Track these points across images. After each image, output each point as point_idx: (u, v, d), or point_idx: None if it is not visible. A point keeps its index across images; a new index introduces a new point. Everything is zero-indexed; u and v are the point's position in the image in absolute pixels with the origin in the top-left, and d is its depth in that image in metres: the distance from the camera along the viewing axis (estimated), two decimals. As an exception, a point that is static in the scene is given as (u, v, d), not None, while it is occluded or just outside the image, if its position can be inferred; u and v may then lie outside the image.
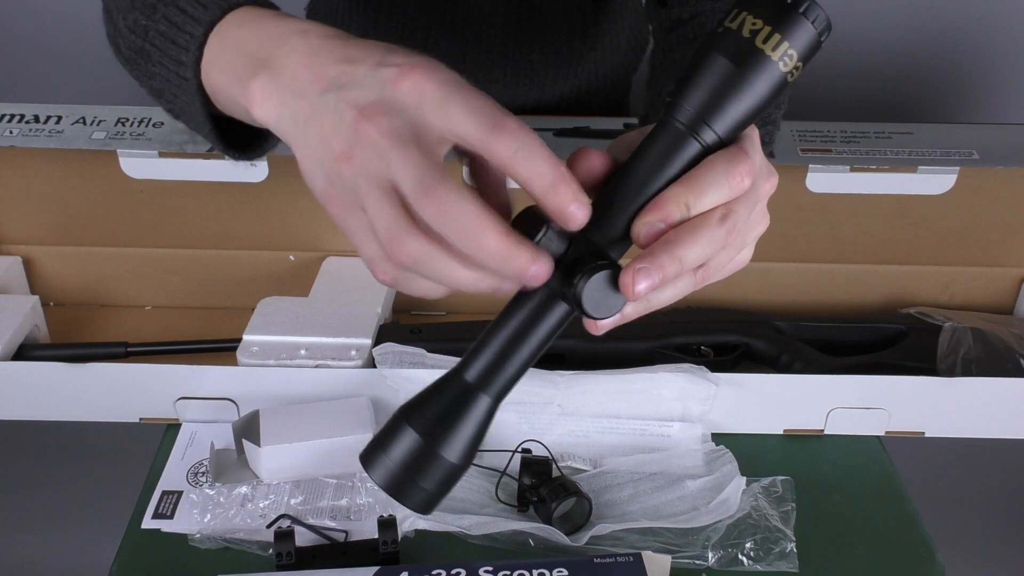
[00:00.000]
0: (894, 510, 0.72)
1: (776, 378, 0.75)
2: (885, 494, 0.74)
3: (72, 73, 1.32)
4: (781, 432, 0.77)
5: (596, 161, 0.44)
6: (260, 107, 0.47)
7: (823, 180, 0.80)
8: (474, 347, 0.44)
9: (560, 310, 0.44)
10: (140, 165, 0.79)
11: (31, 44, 1.31)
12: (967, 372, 0.77)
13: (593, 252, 0.43)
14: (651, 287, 0.42)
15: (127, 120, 0.81)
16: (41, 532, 1.58)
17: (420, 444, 0.43)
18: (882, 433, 0.77)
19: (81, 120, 0.81)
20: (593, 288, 0.42)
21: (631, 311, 0.45)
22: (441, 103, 0.41)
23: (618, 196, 0.44)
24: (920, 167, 0.79)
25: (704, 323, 0.81)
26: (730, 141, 0.44)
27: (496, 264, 0.40)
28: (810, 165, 0.79)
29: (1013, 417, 0.76)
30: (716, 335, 0.81)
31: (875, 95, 1.34)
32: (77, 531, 1.53)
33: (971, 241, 0.86)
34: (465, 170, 0.47)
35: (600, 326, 0.45)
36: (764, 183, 0.46)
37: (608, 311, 0.43)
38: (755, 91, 0.42)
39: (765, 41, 0.41)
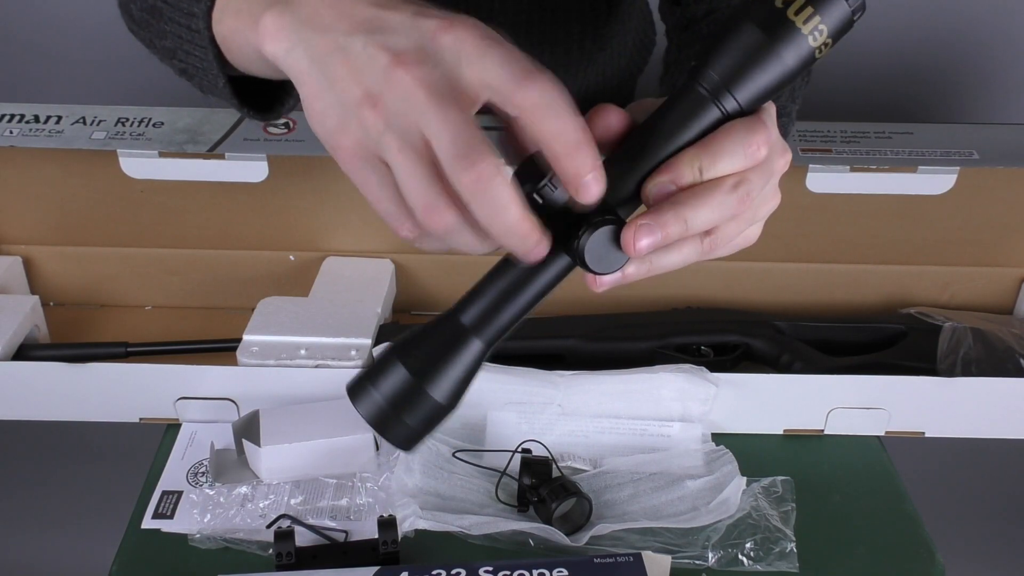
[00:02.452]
0: (894, 510, 0.72)
1: (776, 378, 0.75)
2: (885, 494, 0.73)
3: (72, 73, 1.32)
4: (781, 432, 0.77)
5: (614, 118, 0.43)
6: (272, 40, 0.43)
7: (823, 180, 0.80)
8: (471, 291, 0.44)
9: (561, 262, 0.43)
10: (140, 165, 0.79)
11: (31, 44, 1.31)
12: (967, 372, 0.77)
13: (600, 208, 0.42)
14: (653, 245, 0.41)
15: (127, 120, 0.81)
16: (41, 532, 1.58)
17: (409, 381, 0.43)
18: (882, 433, 0.77)
19: (81, 120, 0.81)
20: (596, 243, 0.42)
21: (633, 271, 0.44)
22: (480, 56, 0.40)
23: (631, 155, 0.44)
24: (920, 167, 0.79)
25: (704, 323, 0.81)
26: (750, 112, 0.43)
27: (507, 238, 0.40)
28: (810, 165, 0.79)
29: (1013, 417, 0.76)
30: (716, 335, 0.81)
31: (875, 95, 1.33)
32: (77, 531, 1.53)
33: (971, 241, 0.86)
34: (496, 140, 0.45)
35: (600, 282, 0.44)
36: (779, 158, 0.46)
37: (609, 267, 0.43)
38: (782, 63, 0.42)
39: (797, 13, 0.41)
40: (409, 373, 0.43)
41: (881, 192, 0.80)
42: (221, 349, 0.79)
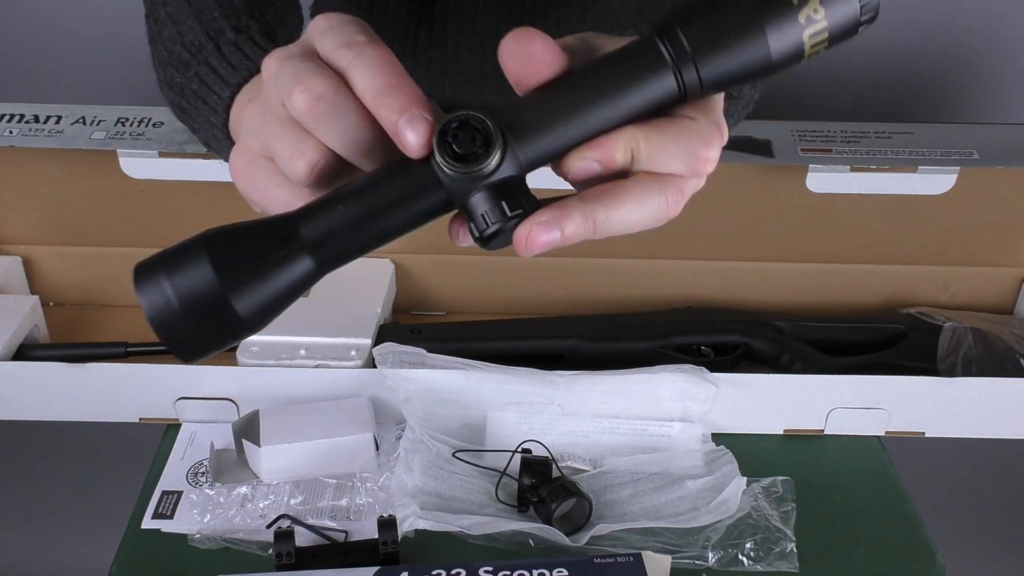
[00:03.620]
0: (894, 510, 0.72)
1: (776, 378, 0.75)
2: (885, 494, 0.73)
3: (72, 73, 1.32)
4: (781, 432, 0.77)
5: (540, 49, 0.36)
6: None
7: (823, 180, 0.80)
8: (322, 198, 0.37)
9: (437, 201, 0.36)
10: (140, 165, 0.79)
11: (31, 44, 1.31)
12: (967, 372, 0.77)
13: (519, 185, 0.36)
14: (548, 245, 0.36)
15: (127, 120, 0.81)
16: (41, 532, 1.58)
17: (211, 281, 0.36)
18: (882, 433, 0.77)
19: (81, 120, 0.81)
20: (491, 219, 0.36)
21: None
22: (321, 33, 0.39)
23: (559, 109, 0.36)
24: (920, 167, 0.79)
25: (704, 323, 0.81)
26: (706, 94, 0.37)
27: (384, 98, 0.36)
28: (810, 165, 0.79)
29: (1013, 417, 0.76)
30: (716, 335, 0.81)
31: (875, 95, 1.33)
32: (77, 531, 1.53)
33: (971, 241, 0.86)
34: None
35: (463, 240, 0.39)
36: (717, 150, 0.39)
37: (496, 246, 0.37)
38: (765, 51, 0.35)
39: (802, 3, 0.34)
40: (215, 272, 0.36)
41: (881, 192, 0.80)
42: (221, 349, 0.79)
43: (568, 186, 0.39)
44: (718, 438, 0.75)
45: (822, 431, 0.77)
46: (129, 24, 1.25)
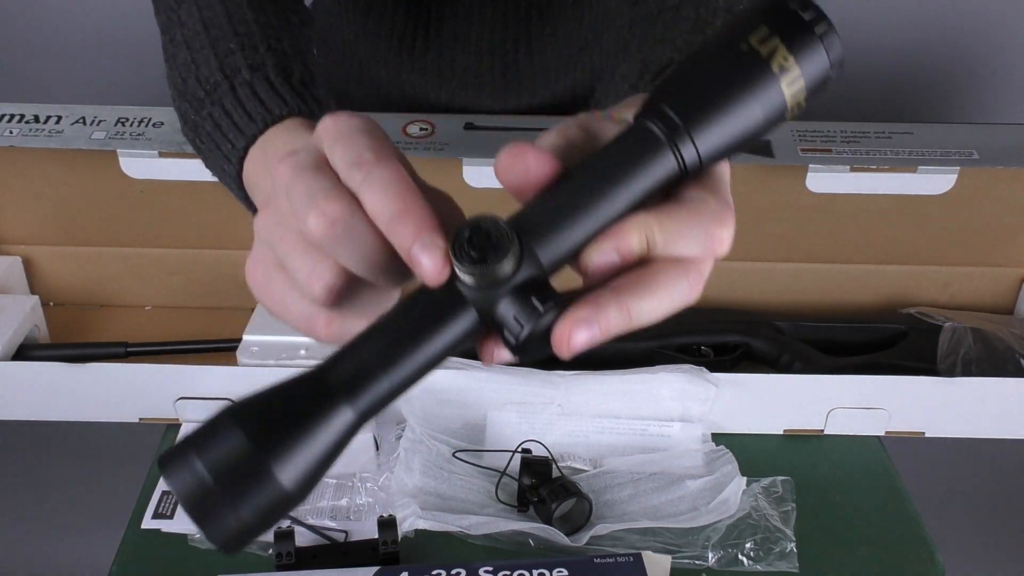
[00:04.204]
0: (894, 510, 0.72)
1: (776, 378, 0.75)
2: (885, 494, 0.73)
3: (72, 73, 1.32)
4: (781, 432, 0.77)
5: (532, 163, 0.36)
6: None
7: (823, 180, 0.80)
8: (346, 345, 0.35)
9: (468, 323, 0.35)
10: (140, 165, 0.79)
11: (31, 44, 1.31)
12: (967, 372, 0.77)
13: (543, 283, 0.35)
14: (590, 342, 0.35)
15: (127, 120, 0.81)
16: (41, 532, 1.58)
17: (248, 450, 0.32)
18: (882, 433, 0.77)
19: (81, 120, 0.81)
20: (537, 335, 0.35)
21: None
22: (332, 143, 0.38)
23: (566, 205, 0.36)
24: (920, 167, 0.79)
25: (704, 323, 0.81)
26: (706, 167, 0.37)
27: (397, 223, 0.35)
28: (810, 165, 0.79)
29: (1013, 417, 0.76)
30: (716, 335, 0.81)
31: (875, 95, 1.33)
32: (77, 531, 1.53)
33: (971, 241, 0.86)
34: None
35: (498, 357, 0.37)
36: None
37: (533, 355, 0.36)
38: (754, 118, 0.36)
39: (782, 71, 0.35)
40: (249, 440, 0.32)
41: (881, 192, 0.80)
42: (221, 349, 0.79)
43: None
44: (718, 438, 0.75)
45: (822, 431, 0.77)
46: (129, 24, 1.25)
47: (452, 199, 0.40)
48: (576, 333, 0.35)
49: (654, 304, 0.36)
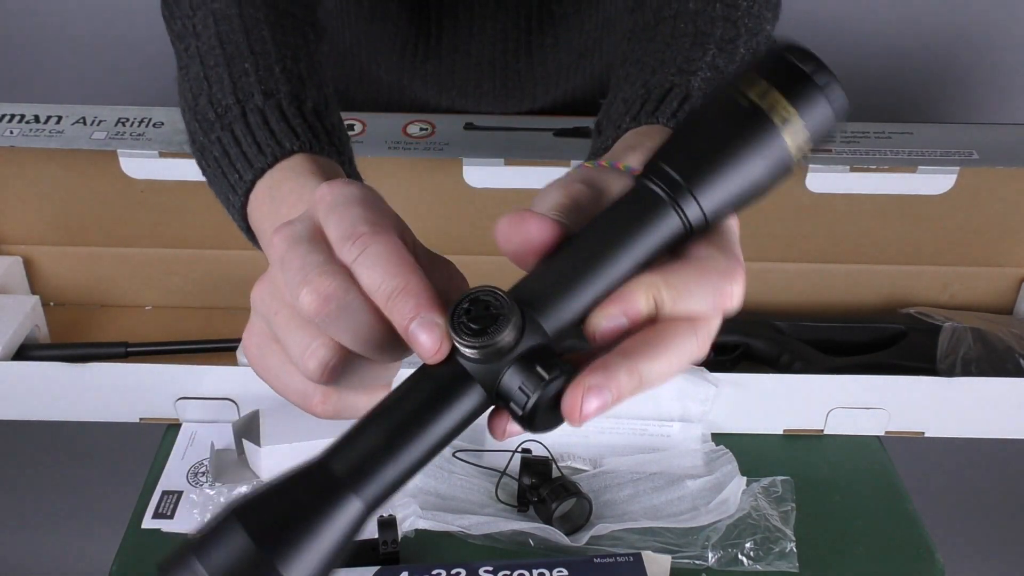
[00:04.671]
0: (894, 510, 0.72)
1: (776, 378, 0.75)
2: (885, 494, 0.73)
3: (72, 73, 1.32)
4: (781, 432, 0.77)
5: (533, 230, 0.35)
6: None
7: (823, 180, 0.80)
8: (348, 432, 0.34)
9: (473, 401, 0.34)
10: (140, 165, 0.79)
11: (31, 44, 1.31)
12: (967, 372, 0.77)
13: (547, 350, 0.34)
14: (602, 409, 0.34)
15: (127, 120, 0.81)
16: (41, 532, 1.58)
17: (253, 553, 0.31)
18: (882, 433, 0.77)
19: (81, 120, 0.81)
20: (544, 404, 0.33)
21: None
22: (326, 214, 0.38)
23: (568, 269, 0.35)
24: (920, 167, 0.79)
25: (704, 323, 0.81)
26: (711, 226, 0.36)
27: (395, 301, 0.35)
28: (810, 165, 0.79)
29: (1013, 417, 0.76)
30: (716, 335, 0.80)
31: (875, 95, 1.33)
32: (77, 531, 1.53)
33: (971, 241, 0.86)
34: None
35: (510, 432, 0.36)
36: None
37: (547, 426, 0.34)
38: (759, 174, 0.35)
39: (774, 108, 0.35)
40: (254, 542, 0.31)
41: (881, 192, 0.80)
42: (221, 349, 0.79)
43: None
44: (718, 438, 0.75)
45: (822, 431, 0.77)
46: (129, 24, 1.25)
47: (453, 265, 0.40)
48: (588, 401, 0.33)
49: (664, 366, 0.35)
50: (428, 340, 0.34)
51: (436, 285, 0.36)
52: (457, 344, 0.34)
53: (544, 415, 0.34)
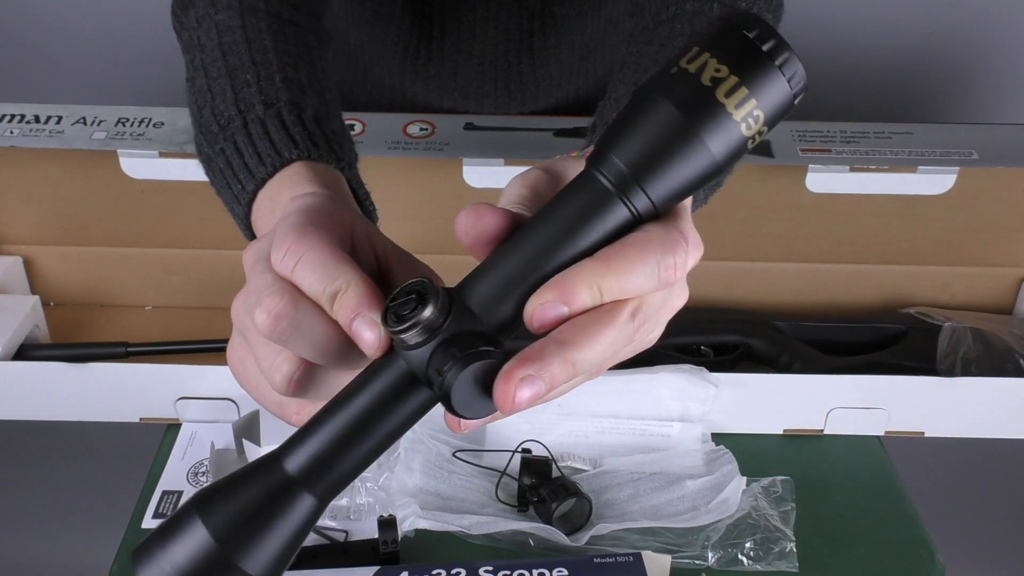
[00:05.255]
0: (894, 510, 0.72)
1: (776, 378, 0.75)
2: (885, 494, 0.74)
3: (72, 73, 1.32)
4: (781, 432, 0.77)
5: (490, 221, 0.35)
6: None
7: (823, 180, 0.80)
8: (300, 429, 0.35)
9: (420, 395, 0.34)
10: (140, 165, 0.79)
11: (31, 44, 1.31)
12: (967, 372, 0.77)
13: (472, 333, 0.33)
14: (535, 398, 0.33)
15: (127, 120, 0.81)
16: (41, 532, 1.58)
17: (211, 547, 0.33)
18: (882, 433, 0.77)
19: (81, 120, 0.81)
20: (465, 383, 0.33)
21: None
22: (274, 231, 0.40)
23: (512, 263, 0.34)
24: (920, 167, 0.79)
25: (704, 323, 0.81)
26: (663, 212, 0.35)
27: (337, 307, 0.36)
28: (810, 165, 0.79)
29: (1013, 417, 0.76)
30: (716, 335, 0.81)
31: (875, 95, 1.33)
32: (77, 531, 1.53)
33: (971, 241, 0.86)
34: None
35: (465, 425, 0.35)
36: (693, 258, 0.37)
37: (478, 412, 0.34)
38: (707, 154, 0.33)
39: (728, 94, 0.32)
40: (212, 538, 0.33)
41: (881, 192, 0.80)
42: (221, 349, 0.79)
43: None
44: (718, 438, 0.75)
45: (822, 431, 0.77)
46: (129, 24, 1.25)
47: (414, 258, 0.41)
48: (520, 391, 0.33)
49: (599, 354, 0.34)
50: (369, 336, 0.35)
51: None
52: (391, 335, 0.34)
53: (467, 399, 0.33)
